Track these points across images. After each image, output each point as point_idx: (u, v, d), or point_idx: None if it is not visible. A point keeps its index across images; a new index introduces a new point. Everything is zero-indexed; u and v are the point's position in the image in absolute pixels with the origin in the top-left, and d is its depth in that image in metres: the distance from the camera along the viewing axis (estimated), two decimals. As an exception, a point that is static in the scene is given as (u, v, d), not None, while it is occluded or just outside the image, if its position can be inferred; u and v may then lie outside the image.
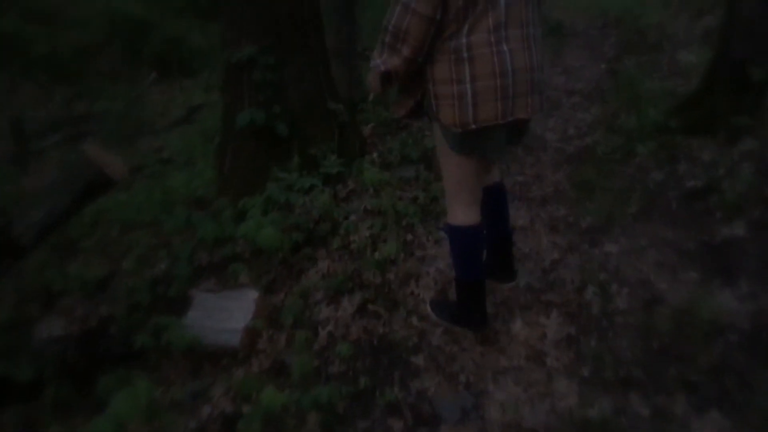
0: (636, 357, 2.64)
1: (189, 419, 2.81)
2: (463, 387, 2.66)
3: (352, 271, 3.47)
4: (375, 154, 4.72)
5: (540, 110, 2.46)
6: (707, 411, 2.36)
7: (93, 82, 11.13)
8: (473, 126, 2.39)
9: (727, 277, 2.96)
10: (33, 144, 9.13)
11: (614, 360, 2.64)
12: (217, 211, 4.27)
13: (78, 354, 3.10)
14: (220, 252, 3.98)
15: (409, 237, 3.71)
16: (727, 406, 2.37)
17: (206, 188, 5.60)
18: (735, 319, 2.72)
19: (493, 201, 2.83)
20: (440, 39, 2.33)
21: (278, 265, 3.67)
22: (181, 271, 3.78)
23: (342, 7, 5.88)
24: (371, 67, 2.42)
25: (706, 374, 2.50)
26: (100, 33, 11.92)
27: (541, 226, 3.73)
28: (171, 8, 12.18)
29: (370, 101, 5.18)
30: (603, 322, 2.88)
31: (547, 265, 3.35)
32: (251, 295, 3.28)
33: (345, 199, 4.29)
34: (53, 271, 4.64)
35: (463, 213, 2.65)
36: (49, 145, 9.29)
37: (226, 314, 3.24)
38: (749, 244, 3.14)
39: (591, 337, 2.81)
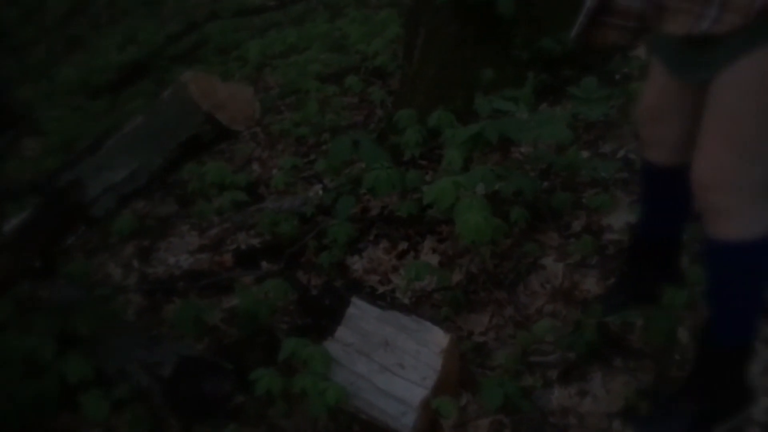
0: None
1: None
2: None
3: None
4: (644, 48, 2.91)
5: None
6: None
7: None
8: None
9: None
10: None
11: None
12: (397, 129, 2.79)
13: (173, 396, 1.92)
14: (398, 203, 2.57)
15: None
16: None
17: (386, 54, 4.11)
18: None
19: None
20: None
21: (480, 261, 2.22)
22: (340, 235, 2.43)
23: None
24: None
25: None
26: None
27: None
28: None
29: None
30: None
31: None
32: (438, 339, 1.89)
33: (587, 130, 2.65)
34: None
35: None
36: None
37: (392, 358, 1.89)
38: None
39: None
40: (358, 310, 2.03)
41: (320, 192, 2.92)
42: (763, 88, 1.31)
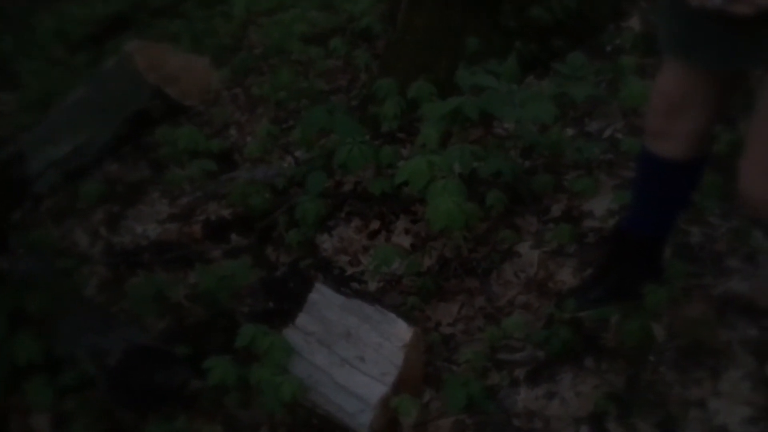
0: None
1: None
2: None
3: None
4: (637, 19, 2.74)
5: None
6: None
7: None
8: None
9: None
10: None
11: None
12: (376, 99, 2.64)
13: (119, 387, 1.82)
14: (370, 182, 2.43)
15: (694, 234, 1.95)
16: None
17: (374, 15, 3.92)
18: None
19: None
20: None
21: (454, 246, 2.10)
22: (309, 213, 2.30)
23: None
24: None
25: None
26: None
27: None
28: None
29: None
30: None
31: None
32: (401, 333, 1.78)
33: (574, 106, 2.50)
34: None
35: None
36: None
37: (353, 350, 1.78)
38: None
39: None
40: (322, 296, 1.92)
41: (293, 163, 2.78)
42: None
